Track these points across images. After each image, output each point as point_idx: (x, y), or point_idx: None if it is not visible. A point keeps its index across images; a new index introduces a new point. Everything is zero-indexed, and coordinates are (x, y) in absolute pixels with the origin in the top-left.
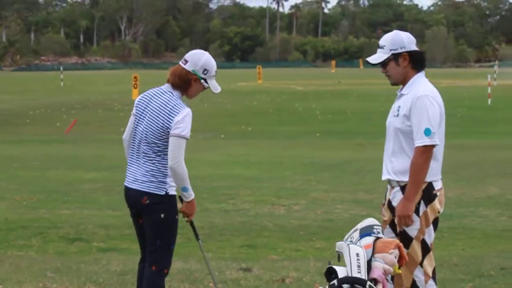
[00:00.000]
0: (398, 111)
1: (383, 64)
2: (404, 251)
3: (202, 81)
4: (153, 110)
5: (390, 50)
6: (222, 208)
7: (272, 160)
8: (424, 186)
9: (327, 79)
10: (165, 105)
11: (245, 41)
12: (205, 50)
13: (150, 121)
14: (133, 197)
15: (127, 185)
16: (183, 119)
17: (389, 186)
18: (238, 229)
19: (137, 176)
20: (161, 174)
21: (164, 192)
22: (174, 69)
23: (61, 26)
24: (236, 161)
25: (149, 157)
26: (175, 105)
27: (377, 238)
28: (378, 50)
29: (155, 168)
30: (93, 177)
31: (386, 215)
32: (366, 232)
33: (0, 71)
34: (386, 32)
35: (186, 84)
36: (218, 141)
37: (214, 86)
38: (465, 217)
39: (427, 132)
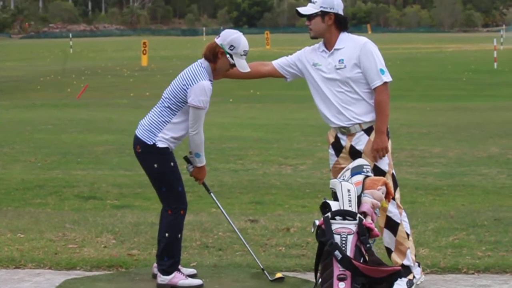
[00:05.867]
0: (343, 63)
1: (309, 17)
2: (391, 187)
3: (228, 56)
4: (181, 73)
5: (321, 7)
6: (231, 168)
7: (279, 123)
8: None
9: None
10: (190, 71)
11: (253, 7)
12: (213, 16)
13: (174, 81)
14: (133, 143)
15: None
16: (194, 89)
17: (344, 136)
18: (246, 187)
19: (142, 122)
20: (157, 127)
21: (152, 143)
22: (208, 43)
23: None
24: (244, 124)
25: (158, 108)
26: (196, 73)
27: (366, 176)
28: (309, 4)
29: (156, 120)
30: (105, 140)
31: (345, 163)
32: (356, 171)
33: (9, 39)
34: None
35: (214, 56)
36: (226, 105)
37: (241, 65)
38: (465, 175)
39: (382, 71)
